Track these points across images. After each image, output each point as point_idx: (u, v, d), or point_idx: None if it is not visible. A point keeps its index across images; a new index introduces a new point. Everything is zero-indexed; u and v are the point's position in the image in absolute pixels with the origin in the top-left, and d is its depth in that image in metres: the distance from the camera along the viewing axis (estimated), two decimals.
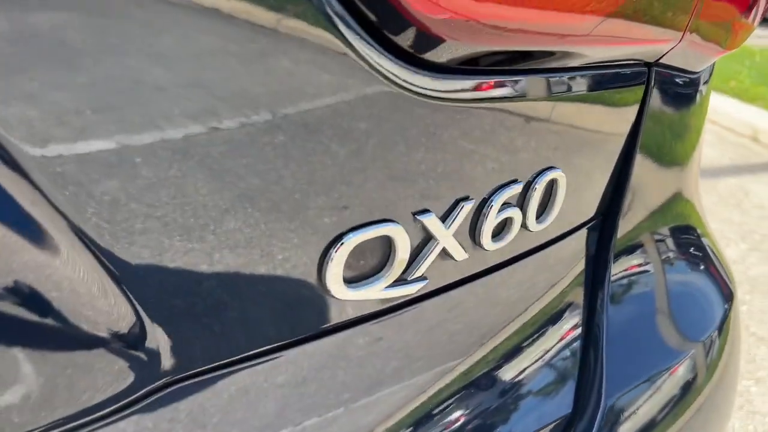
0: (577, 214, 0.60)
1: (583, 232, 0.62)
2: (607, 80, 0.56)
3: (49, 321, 0.32)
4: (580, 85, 0.53)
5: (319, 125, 0.38)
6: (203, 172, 0.34)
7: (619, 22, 0.49)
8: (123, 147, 0.32)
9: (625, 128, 0.61)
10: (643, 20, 0.51)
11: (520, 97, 0.48)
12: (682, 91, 0.69)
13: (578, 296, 0.63)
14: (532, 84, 0.49)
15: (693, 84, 0.70)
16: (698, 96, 0.73)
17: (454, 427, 0.53)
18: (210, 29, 0.32)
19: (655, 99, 0.62)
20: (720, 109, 4.78)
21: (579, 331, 0.61)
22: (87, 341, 0.34)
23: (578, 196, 0.58)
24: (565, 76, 0.51)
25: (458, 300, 0.51)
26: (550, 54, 0.49)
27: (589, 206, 0.61)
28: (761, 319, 2.43)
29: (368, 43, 0.38)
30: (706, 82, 0.77)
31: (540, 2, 0.42)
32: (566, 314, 0.62)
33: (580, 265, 0.64)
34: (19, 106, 0.28)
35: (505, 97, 0.47)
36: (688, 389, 0.70)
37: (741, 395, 2.06)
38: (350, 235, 0.42)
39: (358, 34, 0.37)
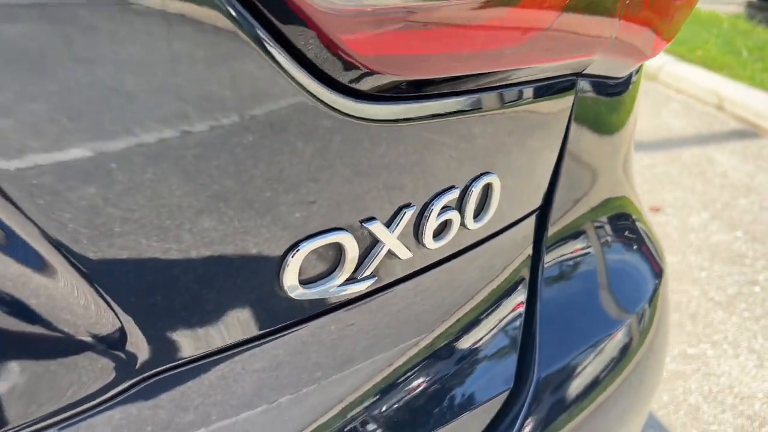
0: (512, 212, 0.67)
1: (518, 227, 0.69)
2: (537, 92, 0.62)
3: (27, 323, 0.38)
4: (511, 97, 0.60)
5: (271, 149, 0.44)
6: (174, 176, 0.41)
7: (539, 47, 0.55)
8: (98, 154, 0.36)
9: (557, 133, 0.68)
10: (561, 40, 0.57)
11: (455, 113, 0.54)
12: (610, 92, 0.75)
13: (515, 284, 0.71)
14: (466, 101, 0.55)
15: (620, 86, 0.77)
16: (625, 95, 0.80)
17: (400, 404, 0.60)
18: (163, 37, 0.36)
19: (583, 105, 0.69)
20: (687, 77, 4.88)
21: (514, 314, 0.69)
22: (69, 342, 0.40)
23: (513, 196, 0.65)
24: (495, 93, 0.58)
25: (403, 295, 0.59)
26: (478, 77, 0.55)
27: (522, 204, 0.68)
28: (719, 285, 2.55)
29: (305, 74, 0.43)
30: (636, 72, 0.83)
31: (462, 42, 0.48)
32: (504, 301, 0.69)
33: (518, 258, 0.71)
34: None
35: (440, 115, 0.53)
36: (623, 355, 0.79)
37: (698, 358, 2.18)
38: (305, 242, 0.49)
39: (295, 67, 0.42)
